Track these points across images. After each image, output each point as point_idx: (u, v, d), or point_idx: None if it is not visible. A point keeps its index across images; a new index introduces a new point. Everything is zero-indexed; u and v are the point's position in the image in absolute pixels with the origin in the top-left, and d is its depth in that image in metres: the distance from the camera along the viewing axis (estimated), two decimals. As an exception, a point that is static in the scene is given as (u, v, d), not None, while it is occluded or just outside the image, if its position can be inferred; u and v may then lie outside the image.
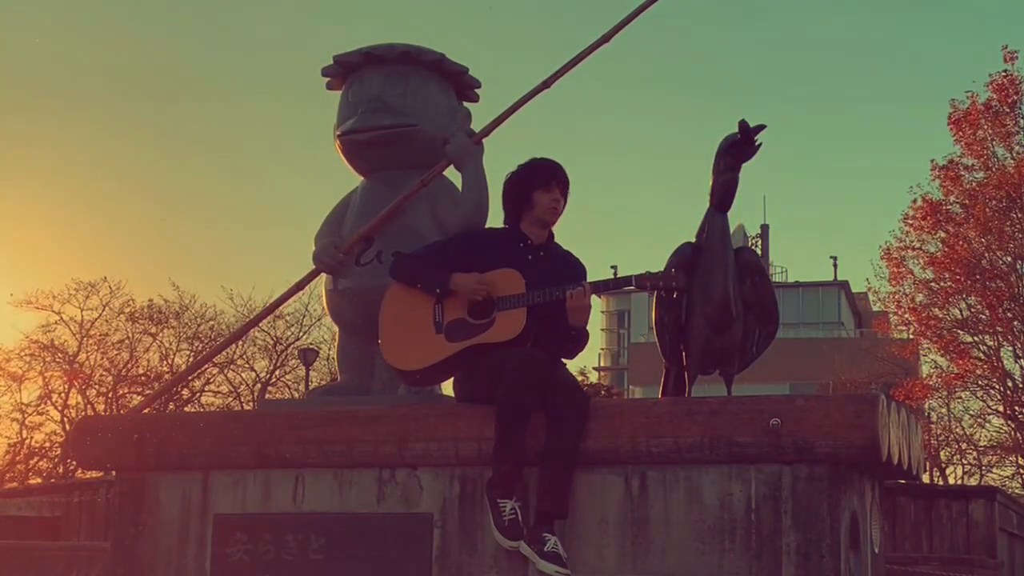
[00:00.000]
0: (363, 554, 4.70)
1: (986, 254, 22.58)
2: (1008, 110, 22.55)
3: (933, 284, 23.30)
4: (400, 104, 5.38)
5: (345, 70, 5.55)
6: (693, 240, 4.97)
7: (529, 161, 4.94)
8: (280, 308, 7.13)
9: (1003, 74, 22.55)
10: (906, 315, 24.15)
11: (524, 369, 4.48)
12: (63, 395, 31.12)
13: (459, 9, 72.49)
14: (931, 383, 24.66)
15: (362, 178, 5.56)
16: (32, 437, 31.05)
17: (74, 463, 23.46)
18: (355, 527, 4.74)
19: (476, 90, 5.68)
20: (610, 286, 4.77)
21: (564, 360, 4.89)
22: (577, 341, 4.78)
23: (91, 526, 11.54)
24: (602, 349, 52.77)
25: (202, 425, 5.09)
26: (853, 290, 46.20)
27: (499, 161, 5.28)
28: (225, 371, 31.63)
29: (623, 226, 73.38)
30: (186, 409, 28.77)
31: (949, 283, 22.90)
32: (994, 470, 28.42)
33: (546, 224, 4.90)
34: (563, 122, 68.73)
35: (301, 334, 31.70)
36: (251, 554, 4.84)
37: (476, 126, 5.42)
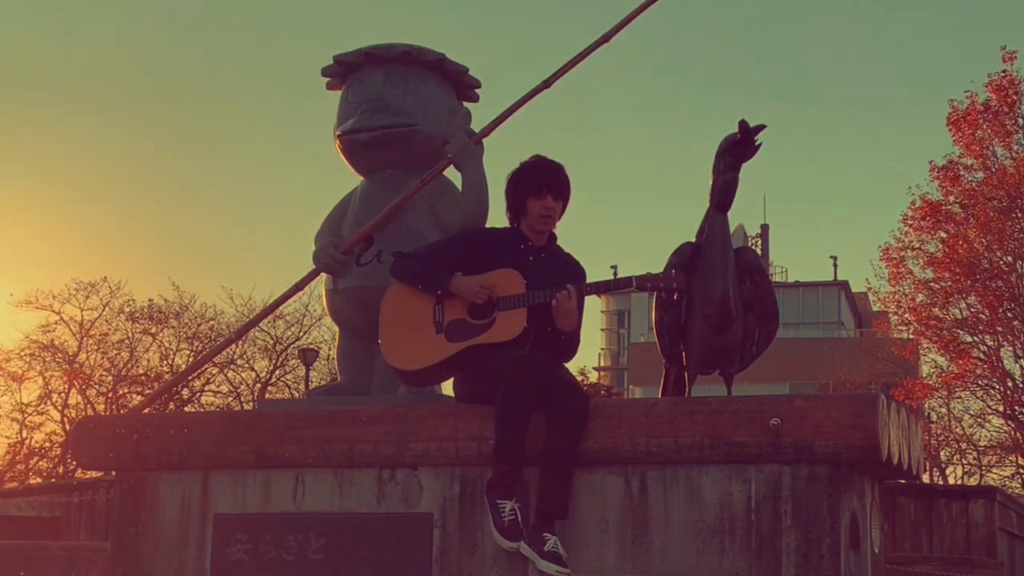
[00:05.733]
0: (363, 554, 4.70)
1: (986, 254, 22.57)
2: (1007, 110, 22.55)
3: (933, 284, 23.29)
4: (400, 104, 5.38)
5: (345, 70, 5.55)
6: (693, 240, 4.97)
7: (528, 162, 4.93)
8: (280, 308, 7.13)
9: (1002, 74, 22.56)
10: (906, 315, 24.17)
11: (524, 370, 4.47)
12: (63, 395, 31.15)
13: (459, 9, 72.49)
14: (931, 383, 24.66)
15: (362, 178, 5.56)
16: (32, 437, 31.09)
17: (74, 463, 23.47)
18: (355, 527, 4.74)
19: (476, 90, 5.68)
20: (610, 287, 4.76)
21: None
22: (568, 344, 4.77)
23: (91, 526, 11.53)
24: (602, 349, 52.78)
25: (202, 425, 5.09)
26: (853, 290, 46.19)
27: (499, 161, 5.28)
28: (225, 371, 31.65)
29: (623, 226, 73.43)
30: (186, 409, 28.75)
31: (949, 283, 22.89)
32: (994, 470, 28.46)
33: (540, 231, 4.89)
34: (563, 122, 68.74)
35: (301, 334, 31.73)
36: (251, 554, 4.84)
37: (476, 126, 5.41)
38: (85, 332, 31.15)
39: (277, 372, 32.29)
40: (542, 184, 4.83)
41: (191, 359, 30.59)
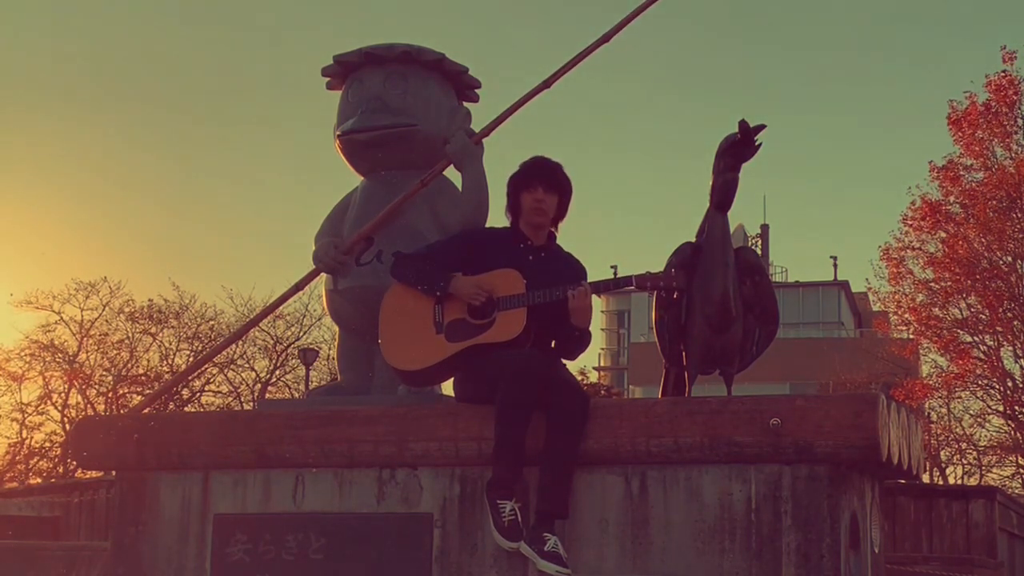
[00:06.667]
0: (363, 554, 4.70)
1: (986, 254, 22.55)
2: (1007, 110, 22.52)
3: (933, 284, 23.27)
4: (400, 104, 5.38)
5: (345, 70, 5.55)
6: (693, 240, 4.97)
7: (525, 161, 4.94)
8: (280, 308, 7.13)
9: (1002, 74, 22.54)
10: (906, 315, 24.14)
11: (524, 369, 4.47)
12: (63, 395, 31.14)
13: (459, 9, 72.51)
14: (931, 383, 24.63)
15: (362, 178, 5.56)
16: (32, 437, 31.08)
17: (74, 463, 23.46)
18: (355, 527, 4.74)
19: (476, 90, 5.68)
20: (610, 286, 4.77)
21: (565, 360, 4.89)
22: (580, 341, 4.78)
23: (91, 526, 11.54)
24: (602, 349, 52.75)
25: (202, 425, 5.09)
26: (853, 290, 46.17)
27: (499, 161, 5.29)
28: (225, 371, 31.62)
29: (623, 226, 73.45)
30: (186, 409, 28.75)
31: (949, 283, 22.87)
32: (994, 470, 28.45)
33: (536, 225, 4.88)
34: (563, 122, 68.76)
35: (301, 334, 31.71)
36: (251, 554, 4.84)
37: (476, 126, 5.42)
38: (85, 332, 31.15)
39: (277, 372, 32.30)
40: (532, 176, 4.85)
41: (191, 359, 30.58)
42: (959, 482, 28.95)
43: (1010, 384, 23.43)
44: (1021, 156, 22.34)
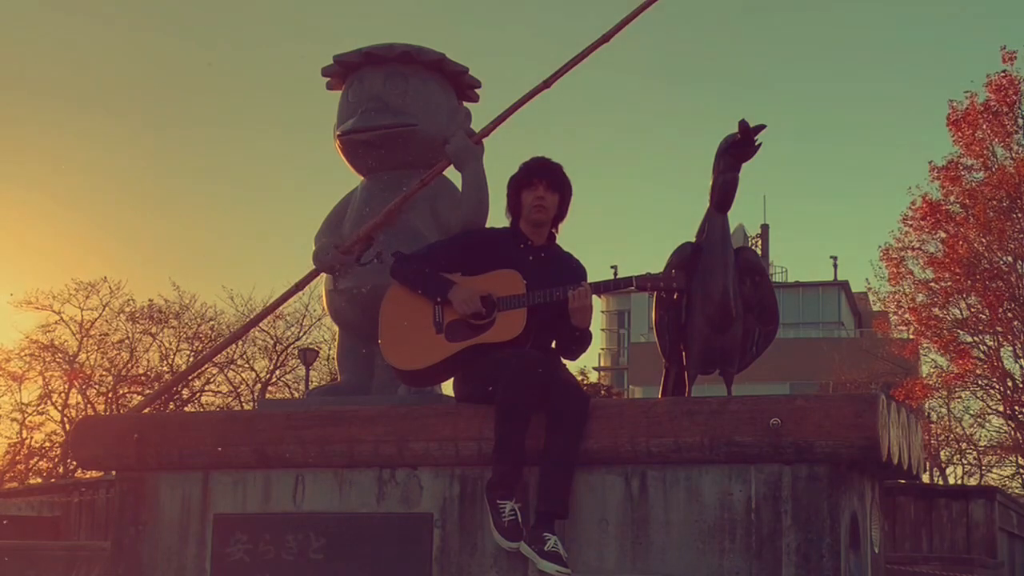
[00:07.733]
0: (363, 554, 4.71)
1: (986, 254, 22.57)
2: (1007, 110, 22.53)
3: (933, 284, 23.29)
4: (400, 104, 5.39)
5: (345, 70, 5.56)
6: (693, 240, 4.97)
7: (525, 161, 4.95)
8: (280, 308, 7.14)
9: (1002, 74, 22.55)
10: (906, 315, 24.17)
11: (524, 369, 4.47)
12: (63, 395, 31.13)
13: (459, 9, 72.50)
14: (931, 383, 24.65)
15: (362, 178, 5.56)
16: (32, 437, 31.09)
17: (74, 463, 23.47)
18: (355, 527, 4.74)
19: (476, 90, 5.69)
20: (610, 287, 4.77)
21: (566, 360, 4.89)
22: (581, 342, 4.78)
23: (91, 526, 11.56)
24: (602, 349, 52.75)
25: (202, 425, 5.09)
26: (853, 290, 46.18)
27: (499, 161, 5.29)
28: (225, 371, 31.62)
29: (623, 226, 73.46)
30: (186, 409, 28.75)
31: (949, 283, 22.89)
32: (994, 470, 28.46)
33: (536, 223, 4.88)
34: (564, 122, 68.73)
35: (301, 334, 31.70)
36: (251, 554, 4.85)
37: (476, 126, 5.42)
38: (85, 332, 31.15)
39: (277, 372, 32.30)
40: (532, 174, 4.85)
41: (191, 359, 30.59)
42: (959, 482, 28.96)
43: (1010, 384, 23.45)
44: (1021, 156, 22.35)
